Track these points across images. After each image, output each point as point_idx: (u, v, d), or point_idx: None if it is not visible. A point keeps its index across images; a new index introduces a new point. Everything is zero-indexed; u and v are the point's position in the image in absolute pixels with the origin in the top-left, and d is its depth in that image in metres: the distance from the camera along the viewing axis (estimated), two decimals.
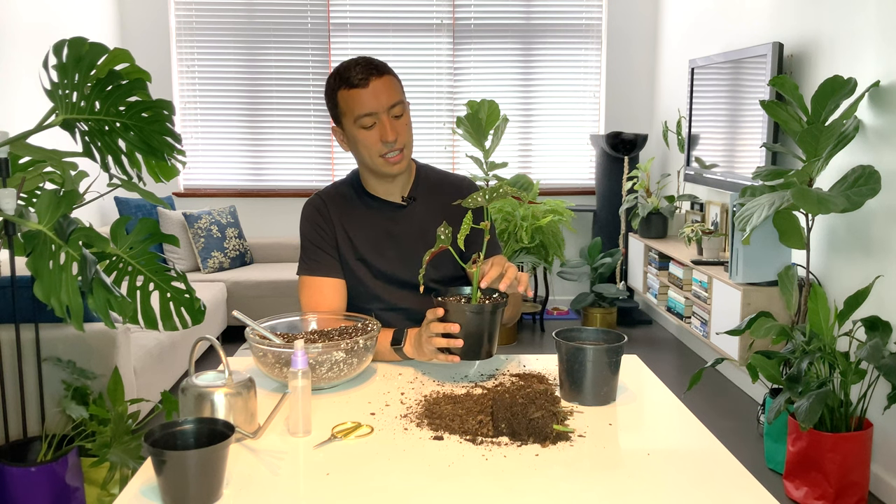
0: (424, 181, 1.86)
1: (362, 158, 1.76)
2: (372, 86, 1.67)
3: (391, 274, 1.80)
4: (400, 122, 1.71)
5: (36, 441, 2.38)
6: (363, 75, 1.67)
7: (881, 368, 2.37)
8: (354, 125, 1.70)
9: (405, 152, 1.74)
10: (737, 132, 3.90)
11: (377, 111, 1.68)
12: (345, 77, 1.68)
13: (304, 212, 1.85)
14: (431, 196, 1.84)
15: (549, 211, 4.66)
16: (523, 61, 5.45)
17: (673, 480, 1.16)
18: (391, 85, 1.70)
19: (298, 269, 1.83)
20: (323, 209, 1.82)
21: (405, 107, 1.73)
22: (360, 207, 1.82)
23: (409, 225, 1.80)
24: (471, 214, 1.52)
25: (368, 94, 1.67)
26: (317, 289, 1.79)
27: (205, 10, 5.28)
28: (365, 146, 1.72)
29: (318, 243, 1.81)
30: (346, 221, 1.81)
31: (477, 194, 1.52)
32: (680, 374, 4.12)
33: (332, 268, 1.80)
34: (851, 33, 2.97)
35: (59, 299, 1.91)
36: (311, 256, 1.81)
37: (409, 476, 1.16)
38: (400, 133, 1.71)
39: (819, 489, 2.57)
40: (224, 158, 5.47)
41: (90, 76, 1.92)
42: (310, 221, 1.83)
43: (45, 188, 2.10)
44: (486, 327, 1.51)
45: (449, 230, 1.52)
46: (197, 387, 1.26)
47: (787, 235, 2.86)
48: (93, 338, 2.77)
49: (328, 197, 1.85)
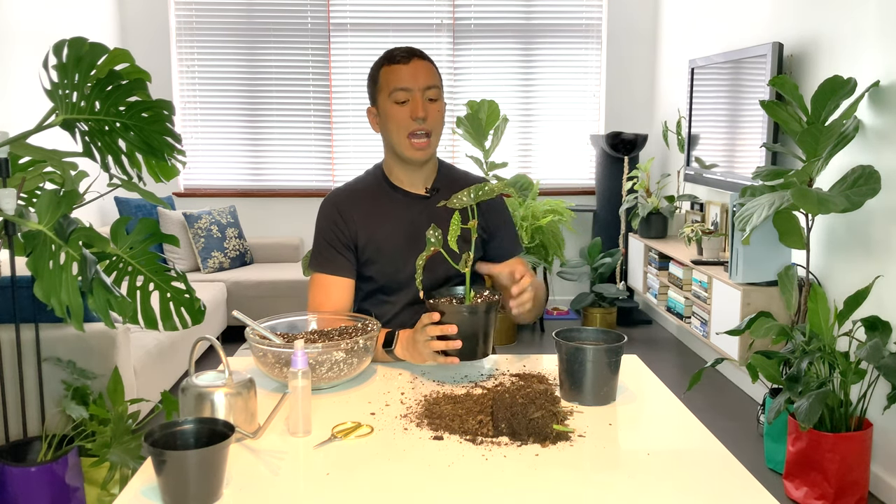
0: (447, 175, 1.90)
1: (390, 138, 1.79)
2: (413, 64, 1.74)
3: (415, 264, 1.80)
4: (433, 106, 1.76)
5: (36, 441, 2.38)
6: (407, 55, 1.76)
7: (881, 368, 2.37)
8: (388, 99, 1.75)
9: (432, 140, 1.77)
10: (737, 132, 3.90)
11: (413, 88, 1.73)
12: (389, 55, 1.77)
13: (323, 209, 1.87)
14: (454, 189, 1.85)
15: (549, 211, 4.66)
16: (523, 61, 5.45)
17: (673, 480, 1.16)
18: (431, 70, 1.77)
19: (310, 264, 1.86)
20: (343, 207, 1.84)
21: (441, 94, 1.78)
22: (384, 200, 1.84)
23: (433, 215, 1.81)
24: (458, 215, 1.53)
25: (408, 70, 1.74)
26: (324, 286, 1.81)
27: (205, 10, 5.28)
28: (395, 122, 1.75)
29: (332, 242, 1.82)
30: (368, 216, 1.82)
31: (462, 193, 1.53)
32: (680, 374, 4.12)
33: (342, 267, 1.81)
34: (851, 33, 2.97)
35: (59, 299, 1.91)
36: (324, 254, 1.83)
37: (409, 476, 1.16)
38: (430, 115, 1.75)
39: (819, 489, 2.57)
40: (224, 158, 5.47)
41: (90, 76, 1.92)
42: (327, 219, 1.84)
43: (45, 188, 2.10)
44: (480, 327, 1.52)
45: (439, 232, 1.53)
46: (197, 387, 1.26)
47: (787, 235, 2.86)
48: (93, 338, 2.77)
49: (349, 194, 1.87)
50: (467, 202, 1.52)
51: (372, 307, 1.88)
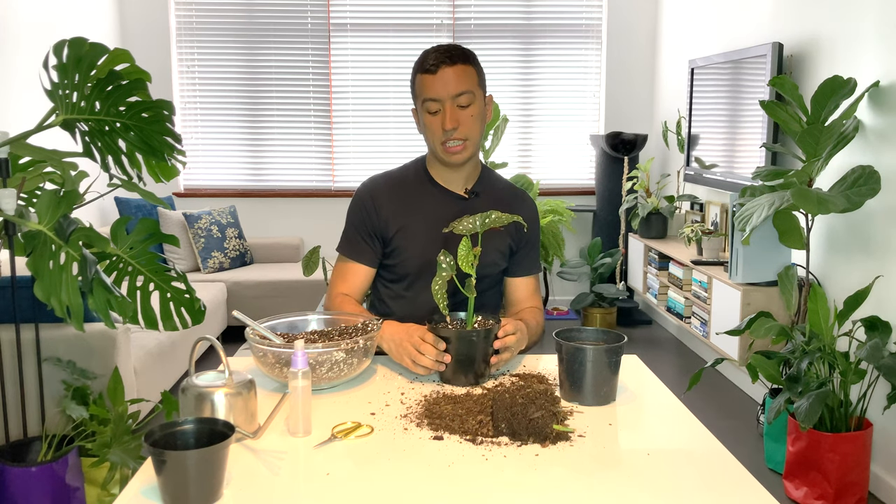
0: (487, 180, 1.91)
1: (427, 143, 1.82)
2: (441, 73, 1.72)
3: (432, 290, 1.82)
4: (464, 113, 1.75)
5: (36, 441, 2.38)
6: (435, 62, 1.73)
7: (881, 368, 2.37)
8: (423, 108, 1.77)
9: (468, 143, 1.77)
10: (736, 132, 3.90)
11: (441, 98, 1.73)
12: (421, 61, 1.76)
13: (358, 193, 1.90)
14: (493, 195, 1.89)
15: (548, 211, 4.66)
16: (523, 61, 5.45)
17: (673, 480, 1.16)
18: (462, 74, 1.73)
19: (338, 245, 1.91)
20: (377, 195, 1.86)
21: (475, 97, 1.76)
22: (421, 193, 1.86)
23: None
24: (466, 240, 1.55)
25: (436, 81, 1.72)
26: (343, 269, 1.88)
27: (205, 10, 5.28)
28: (430, 131, 1.77)
29: (359, 228, 1.86)
30: (402, 206, 1.84)
31: (467, 219, 1.55)
32: (680, 374, 4.12)
33: (363, 253, 1.86)
34: (851, 33, 2.97)
35: (59, 299, 1.91)
36: (349, 238, 1.88)
37: (409, 476, 1.16)
38: (462, 123, 1.74)
39: (819, 489, 2.57)
40: (224, 158, 5.47)
41: (90, 76, 1.92)
42: (358, 205, 1.88)
43: (46, 188, 2.10)
44: (478, 352, 1.55)
45: (450, 258, 1.55)
46: (197, 387, 1.26)
47: (787, 235, 2.86)
48: (93, 338, 2.77)
49: (386, 181, 1.89)
50: (472, 229, 1.55)
51: (389, 300, 1.90)
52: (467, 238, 1.56)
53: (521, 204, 1.91)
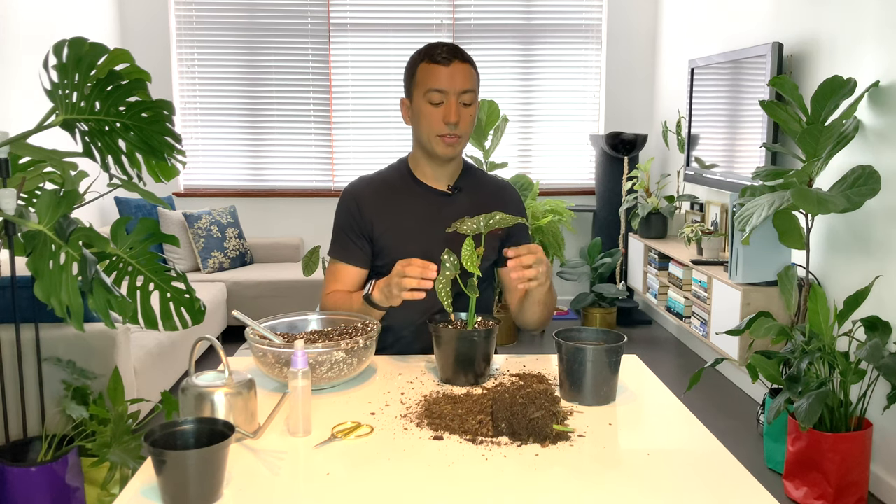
0: (471, 174, 1.91)
1: (420, 134, 1.81)
2: (453, 67, 1.74)
3: (431, 258, 1.81)
4: (466, 111, 1.77)
5: (36, 441, 2.38)
6: (448, 55, 1.74)
7: (881, 368, 2.37)
8: (423, 98, 1.76)
9: (462, 140, 1.79)
10: (736, 132, 3.90)
11: (449, 91, 1.74)
12: (430, 52, 1.76)
13: (342, 197, 1.91)
14: (477, 190, 1.90)
15: (548, 211, 4.66)
16: (523, 61, 5.45)
17: (673, 480, 1.16)
18: (470, 74, 1.77)
19: (329, 249, 1.92)
20: (361, 197, 1.87)
21: (476, 98, 1.79)
22: (405, 192, 1.87)
23: (453, 213, 1.83)
24: (470, 240, 1.56)
25: (446, 73, 1.73)
26: (335, 273, 1.89)
27: (205, 10, 5.28)
28: (427, 121, 1.77)
29: (347, 231, 1.87)
30: (386, 207, 1.85)
31: (469, 220, 1.56)
32: (680, 374, 4.12)
33: (354, 255, 1.86)
34: (851, 33, 2.97)
35: (59, 299, 1.91)
36: (339, 241, 1.89)
37: (409, 476, 1.16)
38: (463, 119, 1.76)
39: (819, 489, 2.57)
40: (224, 158, 5.47)
41: (90, 76, 1.92)
42: (344, 208, 1.89)
43: (45, 188, 2.10)
44: (478, 352, 1.55)
45: (454, 257, 1.55)
46: (197, 387, 1.26)
47: (787, 235, 2.86)
48: (93, 338, 2.77)
49: (369, 183, 1.90)
50: (476, 230, 1.55)
51: None
52: (470, 238, 1.56)
53: (505, 194, 1.92)
